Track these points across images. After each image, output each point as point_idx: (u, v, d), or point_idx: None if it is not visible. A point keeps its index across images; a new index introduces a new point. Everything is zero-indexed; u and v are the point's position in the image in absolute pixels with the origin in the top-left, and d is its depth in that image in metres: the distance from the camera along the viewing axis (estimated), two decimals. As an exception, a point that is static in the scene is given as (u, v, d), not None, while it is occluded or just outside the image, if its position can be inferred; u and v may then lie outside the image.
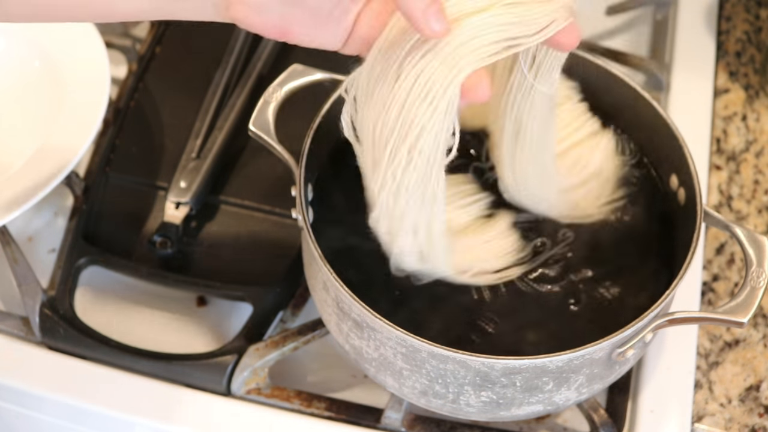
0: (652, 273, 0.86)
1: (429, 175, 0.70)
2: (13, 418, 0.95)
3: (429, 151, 0.69)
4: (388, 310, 0.78)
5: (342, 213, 0.88)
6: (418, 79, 0.66)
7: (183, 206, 0.99)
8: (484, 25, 0.66)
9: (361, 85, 0.70)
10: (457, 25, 0.66)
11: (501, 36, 0.67)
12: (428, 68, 0.66)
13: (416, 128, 0.67)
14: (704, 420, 0.91)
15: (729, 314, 0.79)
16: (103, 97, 1.00)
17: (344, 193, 0.89)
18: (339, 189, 0.89)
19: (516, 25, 0.67)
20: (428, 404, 0.83)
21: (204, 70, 1.08)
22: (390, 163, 0.69)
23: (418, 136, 0.68)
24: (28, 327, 0.95)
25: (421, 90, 0.67)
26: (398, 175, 0.70)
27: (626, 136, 0.93)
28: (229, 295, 0.97)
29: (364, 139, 0.71)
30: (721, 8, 1.20)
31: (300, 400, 0.91)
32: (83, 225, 1.00)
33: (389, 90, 0.68)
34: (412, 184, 0.70)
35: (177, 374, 0.92)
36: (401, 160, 0.69)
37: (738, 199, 1.05)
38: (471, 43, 0.66)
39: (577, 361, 0.78)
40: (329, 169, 0.90)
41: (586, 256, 0.87)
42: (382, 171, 0.70)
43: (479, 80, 0.66)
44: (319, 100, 0.88)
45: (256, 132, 0.86)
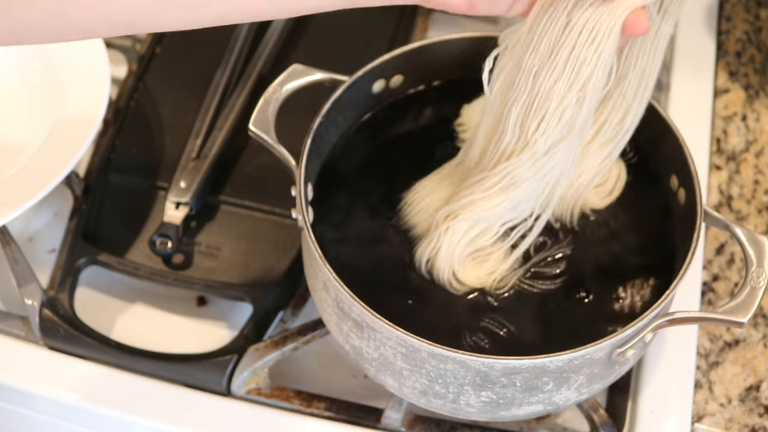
0: (652, 273, 0.86)
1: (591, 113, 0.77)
2: (13, 418, 0.95)
3: (595, 89, 0.76)
4: (388, 310, 0.78)
5: (342, 213, 0.88)
6: (585, 25, 0.74)
7: (183, 206, 0.99)
8: None
9: (521, 37, 0.77)
10: None
11: None
12: (594, 15, 0.73)
13: (587, 68, 0.75)
14: (704, 420, 0.91)
15: (729, 314, 0.79)
16: (103, 97, 1.00)
17: (344, 193, 0.89)
18: (339, 189, 0.89)
19: None
20: (428, 404, 0.83)
21: (204, 70, 1.08)
22: (559, 104, 0.76)
23: (589, 75, 0.75)
24: (28, 327, 0.95)
25: (588, 35, 0.74)
26: (566, 115, 0.76)
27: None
28: (229, 295, 0.97)
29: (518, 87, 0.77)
30: (721, 8, 1.19)
31: (300, 400, 0.91)
32: (83, 225, 1.00)
33: (557, 38, 0.74)
34: (579, 125, 0.77)
35: (177, 374, 0.92)
36: (570, 103, 0.76)
37: (738, 199, 1.05)
38: None
39: (577, 361, 0.78)
40: (329, 169, 0.90)
41: (586, 256, 0.87)
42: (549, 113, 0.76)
43: (638, 16, 0.73)
44: (319, 100, 0.88)
45: (256, 132, 0.86)
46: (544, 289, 0.85)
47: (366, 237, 0.87)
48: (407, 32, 1.14)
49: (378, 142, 0.93)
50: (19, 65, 1.07)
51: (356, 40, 1.11)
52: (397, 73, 0.93)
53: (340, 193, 0.89)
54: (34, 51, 1.06)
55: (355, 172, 0.91)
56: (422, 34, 1.17)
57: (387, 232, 0.87)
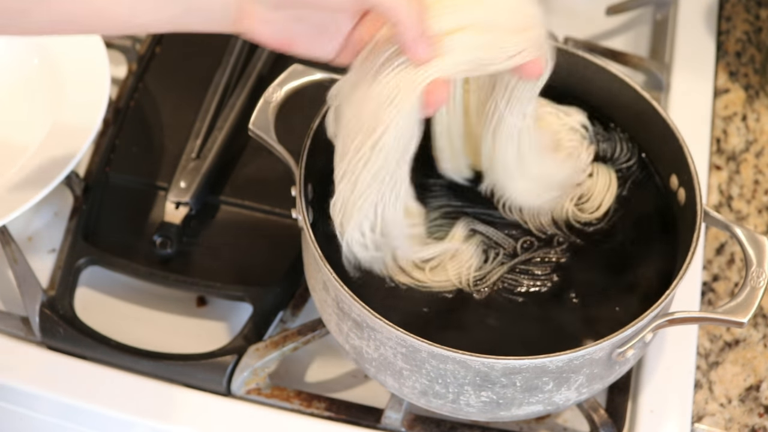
0: (652, 273, 0.86)
1: (387, 170, 0.77)
2: (13, 418, 0.95)
3: (389, 147, 0.75)
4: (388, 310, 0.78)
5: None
6: (388, 85, 0.74)
7: (183, 206, 0.99)
8: (458, 44, 0.74)
9: (343, 90, 0.78)
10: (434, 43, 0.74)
11: (470, 56, 0.74)
12: (398, 77, 0.74)
13: (381, 126, 0.74)
14: (704, 420, 0.91)
15: (729, 314, 0.79)
16: (103, 97, 1.01)
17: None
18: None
19: (487, 49, 0.74)
20: (428, 404, 0.83)
21: (204, 70, 1.08)
22: (354, 155, 0.76)
23: (381, 133, 0.75)
24: (28, 327, 0.95)
25: (389, 94, 0.74)
26: (359, 167, 0.76)
27: (626, 136, 0.93)
28: (229, 295, 0.97)
29: (339, 135, 0.78)
30: (721, 8, 1.20)
31: (300, 400, 0.91)
32: (83, 225, 1.00)
33: (365, 91, 0.75)
34: (371, 176, 0.77)
35: (177, 374, 0.92)
36: (364, 154, 0.76)
37: (738, 199, 1.05)
38: (440, 59, 0.73)
39: (577, 361, 0.78)
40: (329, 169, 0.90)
41: (586, 255, 0.87)
42: (347, 162, 0.77)
43: (437, 86, 0.73)
44: (319, 100, 0.88)
45: (256, 132, 0.86)
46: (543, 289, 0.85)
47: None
48: (407, 32, 1.14)
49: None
50: (18, 65, 1.07)
51: (356, 40, 1.11)
52: (397, 73, 0.93)
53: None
54: (34, 50, 1.06)
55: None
56: (422, 34, 1.17)
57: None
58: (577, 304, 0.85)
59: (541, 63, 0.77)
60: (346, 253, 0.81)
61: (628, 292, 0.85)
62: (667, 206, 0.89)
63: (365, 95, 0.75)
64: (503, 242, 0.87)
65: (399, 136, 0.75)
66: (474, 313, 0.84)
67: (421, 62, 0.73)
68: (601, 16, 1.22)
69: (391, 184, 0.78)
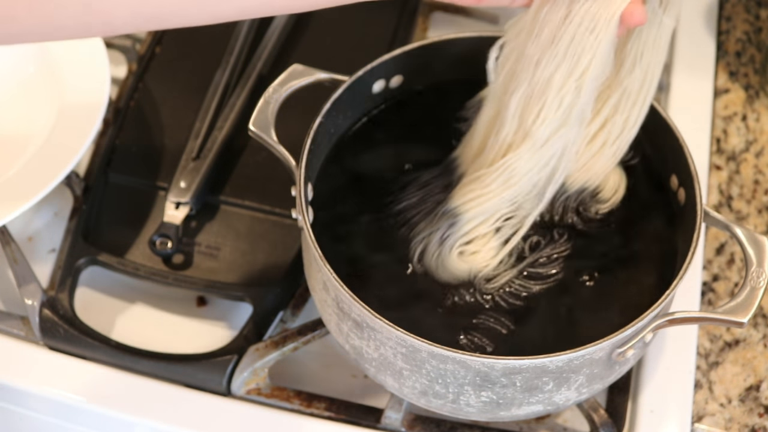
0: (652, 273, 0.86)
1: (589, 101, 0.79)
2: (13, 418, 0.95)
3: (594, 77, 0.78)
4: (388, 310, 0.78)
5: (342, 213, 0.88)
6: (585, 15, 0.76)
7: (183, 206, 0.99)
8: None
9: (524, 26, 0.78)
10: None
11: None
12: (594, 6, 0.75)
13: (586, 57, 0.76)
14: (704, 420, 0.91)
15: (729, 314, 0.79)
16: (103, 97, 1.00)
17: (344, 193, 0.89)
18: (339, 189, 0.89)
19: None
20: (428, 404, 0.83)
21: (204, 70, 1.08)
22: (558, 92, 0.77)
23: (587, 65, 0.77)
24: (28, 327, 0.95)
25: (588, 24, 0.76)
26: (565, 102, 0.78)
27: (626, 136, 0.93)
28: (229, 295, 0.97)
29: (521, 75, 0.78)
30: (721, 8, 1.19)
31: (300, 400, 0.91)
32: (83, 225, 1.00)
33: (557, 27, 0.76)
34: (578, 108, 0.78)
35: (177, 374, 0.92)
36: (567, 92, 0.77)
37: (738, 199, 1.05)
38: None
39: (577, 361, 0.78)
40: (329, 169, 0.90)
41: (586, 255, 0.87)
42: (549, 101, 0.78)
43: (636, 7, 0.76)
44: (319, 100, 0.88)
45: (256, 132, 0.86)
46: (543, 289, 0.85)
47: (366, 237, 0.87)
48: (407, 32, 1.14)
49: (378, 142, 0.93)
50: (18, 65, 1.07)
51: (356, 40, 1.11)
52: (397, 73, 0.93)
53: (340, 193, 0.89)
54: (34, 51, 1.06)
55: (355, 172, 0.91)
56: (422, 34, 1.17)
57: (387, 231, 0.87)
58: (577, 303, 0.85)
59: None
60: None
61: (628, 291, 0.85)
62: (667, 206, 0.89)
63: (560, 28, 0.76)
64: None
65: (601, 65, 0.77)
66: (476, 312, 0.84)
67: None
68: (601, 16, 1.22)
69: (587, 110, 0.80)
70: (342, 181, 0.90)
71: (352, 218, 0.88)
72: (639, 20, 0.76)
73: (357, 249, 0.86)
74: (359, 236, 0.87)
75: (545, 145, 0.80)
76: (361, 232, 0.87)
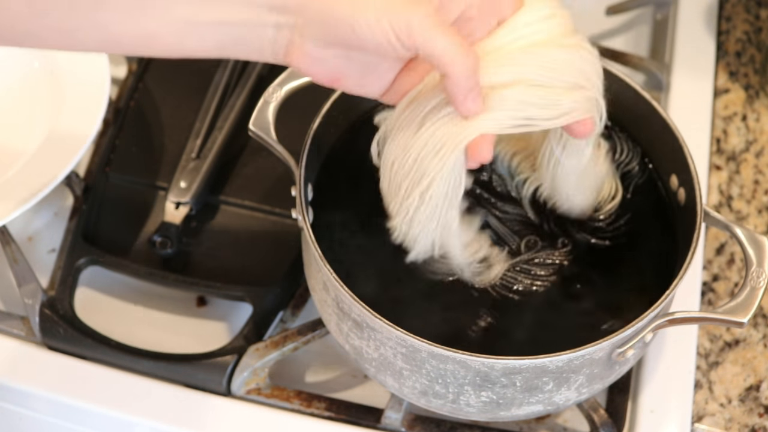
0: (652, 273, 0.86)
1: (439, 212, 0.77)
2: (14, 418, 0.95)
3: (438, 196, 0.76)
4: (388, 310, 0.78)
5: (342, 213, 0.88)
6: (434, 135, 0.73)
7: (183, 206, 0.99)
8: (509, 100, 0.72)
9: (389, 124, 0.77)
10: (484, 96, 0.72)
11: (519, 114, 0.73)
12: (444, 127, 0.73)
13: (427, 178, 0.74)
14: (704, 420, 0.91)
15: (729, 314, 0.79)
16: (103, 97, 1.00)
17: (344, 193, 0.89)
18: (339, 189, 0.89)
19: (536, 108, 0.73)
20: (428, 404, 0.83)
21: (204, 70, 1.08)
22: (404, 199, 0.76)
23: (428, 184, 0.75)
24: (28, 327, 0.95)
25: (434, 145, 0.73)
26: (411, 211, 0.77)
27: (626, 136, 0.93)
28: (229, 295, 0.97)
29: (384, 170, 0.78)
30: (721, 8, 1.20)
31: (300, 400, 0.91)
32: (83, 225, 1.00)
33: (410, 137, 0.74)
34: (424, 218, 0.77)
35: (177, 374, 0.92)
36: (414, 200, 0.76)
37: (738, 199, 1.05)
38: (488, 114, 0.72)
39: (577, 361, 0.78)
40: (329, 169, 0.90)
41: (586, 255, 0.87)
42: (398, 203, 0.77)
43: (482, 142, 0.73)
44: (319, 100, 0.88)
45: (256, 132, 0.86)
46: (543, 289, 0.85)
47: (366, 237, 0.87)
48: (407, 32, 1.14)
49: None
50: (19, 65, 1.07)
51: (356, 40, 1.11)
52: (397, 73, 0.93)
53: (340, 193, 0.89)
54: (35, 51, 1.06)
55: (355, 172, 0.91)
56: (422, 34, 1.16)
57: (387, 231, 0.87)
58: (577, 303, 0.85)
59: (589, 124, 0.76)
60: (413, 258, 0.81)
61: (628, 291, 0.85)
62: (667, 206, 0.89)
63: (411, 140, 0.74)
64: (508, 239, 0.87)
65: (446, 185, 0.75)
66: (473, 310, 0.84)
67: (469, 116, 0.72)
68: (601, 16, 1.22)
69: (443, 222, 0.78)
70: (342, 181, 0.90)
71: (353, 218, 0.88)
72: (484, 158, 0.73)
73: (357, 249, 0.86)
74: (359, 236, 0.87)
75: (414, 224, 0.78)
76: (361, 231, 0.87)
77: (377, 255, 0.86)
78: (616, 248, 0.88)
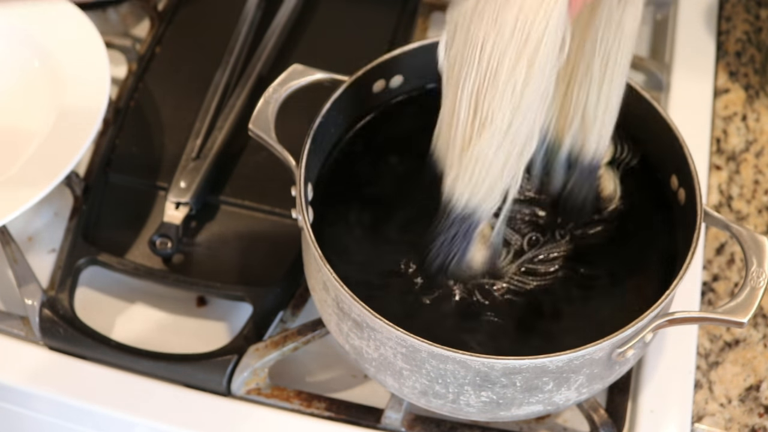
0: (652, 273, 0.86)
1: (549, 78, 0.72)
2: (13, 418, 0.95)
3: (545, 61, 0.70)
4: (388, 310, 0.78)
5: (342, 212, 0.88)
6: None
7: (183, 206, 0.99)
8: None
9: (468, 10, 0.71)
10: None
11: None
12: None
13: (534, 40, 0.69)
14: (704, 420, 0.91)
15: (729, 314, 0.79)
16: (103, 97, 1.00)
17: (344, 193, 0.89)
18: (339, 189, 0.89)
19: None
20: (428, 404, 0.83)
21: (204, 70, 1.08)
22: (510, 74, 0.70)
23: (536, 47, 0.69)
24: (28, 327, 0.95)
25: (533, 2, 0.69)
26: (517, 89, 0.71)
27: (626, 136, 0.93)
28: (229, 295, 0.97)
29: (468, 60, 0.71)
30: (721, 8, 1.20)
31: (300, 400, 0.91)
32: (83, 225, 1.00)
33: (501, 8, 0.69)
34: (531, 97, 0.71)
35: (177, 374, 0.92)
36: (521, 72, 0.70)
37: (738, 199, 1.05)
38: None
39: (577, 361, 0.78)
40: (329, 169, 0.90)
41: (586, 255, 0.87)
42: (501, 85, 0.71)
43: None
44: (319, 100, 0.88)
45: (256, 132, 0.86)
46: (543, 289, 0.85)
47: (366, 237, 0.87)
48: (407, 32, 1.14)
49: (378, 142, 0.93)
50: (19, 65, 1.07)
51: (356, 40, 1.11)
52: (397, 73, 0.93)
53: (340, 193, 0.89)
54: (34, 50, 1.06)
55: (355, 172, 0.91)
56: (422, 34, 1.17)
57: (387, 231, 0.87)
58: (577, 303, 0.85)
59: None
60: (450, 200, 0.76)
61: (628, 291, 0.85)
62: (667, 206, 0.89)
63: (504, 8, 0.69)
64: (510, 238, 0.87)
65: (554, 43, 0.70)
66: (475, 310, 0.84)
67: None
68: (601, 16, 1.22)
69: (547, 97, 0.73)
70: (342, 181, 0.90)
71: (353, 218, 0.88)
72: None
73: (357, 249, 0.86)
74: (359, 236, 0.87)
75: (509, 129, 0.73)
76: (361, 231, 0.87)
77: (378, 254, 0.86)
78: (616, 248, 0.88)
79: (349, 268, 0.83)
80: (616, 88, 0.81)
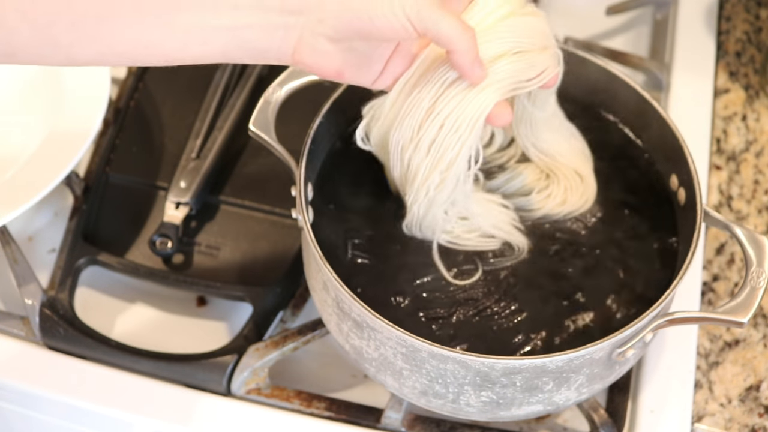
0: (652, 273, 0.86)
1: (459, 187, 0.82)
2: (14, 418, 0.95)
3: (458, 171, 0.80)
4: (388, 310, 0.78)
5: (342, 212, 0.88)
6: (449, 114, 0.77)
7: (183, 206, 0.99)
8: (502, 71, 0.78)
9: (384, 111, 0.81)
10: None
11: (514, 80, 0.79)
12: (458, 106, 0.77)
13: (448, 156, 0.79)
14: (704, 420, 0.91)
15: (729, 314, 0.79)
16: (103, 97, 1.01)
17: (344, 193, 0.89)
18: (339, 189, 0.89)
19: (523, 71, 0.79)
20: (428, 404, 0.83)
21: (204, 70, 1.08)
22: (424, 182, 0.80)
23: (450, 162, 0.79)
24: (28, 327, 0.95)
25: (452, 123, 0.78)
26: (431, 191, 0.81)
27: (626, 136, 0.93)
28: (229, 295, 0.97)
29: (394, 157, 0.81)
30: (721, 8, 1.20)
31: (300, 400, 0.91)
32: (83, 225, 1.00)
33: (421, 122, 0.78)
34: (443, 198, 0.82)
35: (177, 374, 0.92)
36: (434, 181, 0.80)
37: (738, 199, 1.05)
38: (493, 86, 0.78)
39: (577, 361, 0.78)
40: (329, 169, 0.90)
41: (586, 255, 0.87)
42: (416, 187, 0.81)
43: (501, 109, 0.78)
44: (319, 100, 0.88)
45: (256, 132, 0.86)
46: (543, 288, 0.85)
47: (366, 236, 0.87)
48: (407, 32, 1.14)
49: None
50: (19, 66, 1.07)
51: (356, 40, 1.11)
52: (397, 73, 0.93)
53: (340, 193, 0.89)
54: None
55: (355, 172, 0.91)
56: (422, 34, 1.17)
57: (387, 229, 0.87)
58: (577, 303, 0.85)
59: (556, 76, 0.82)
60: None
61: (628, 292, 0.85)
62: (667, 206, 0.89)
63: (424, 122, 0.78)
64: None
65: (466, 160, 0.80)
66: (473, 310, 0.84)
67: (478, 83, 0.77)
68: (601, 16, 1.22)
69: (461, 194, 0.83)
70: (342, 181, 0.90)
71: (353, 218, 0.88)
72: (505, 122, 0.79)
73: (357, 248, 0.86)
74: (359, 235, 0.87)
75: (434, 205, 0.83)
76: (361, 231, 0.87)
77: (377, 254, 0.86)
78: (616, 248, 0.88)
79: (349, 267, 0.83)
80: None
